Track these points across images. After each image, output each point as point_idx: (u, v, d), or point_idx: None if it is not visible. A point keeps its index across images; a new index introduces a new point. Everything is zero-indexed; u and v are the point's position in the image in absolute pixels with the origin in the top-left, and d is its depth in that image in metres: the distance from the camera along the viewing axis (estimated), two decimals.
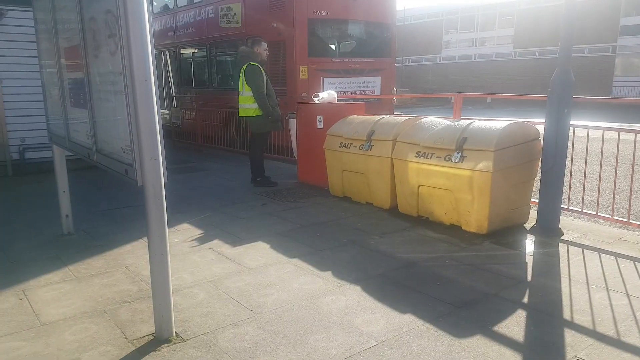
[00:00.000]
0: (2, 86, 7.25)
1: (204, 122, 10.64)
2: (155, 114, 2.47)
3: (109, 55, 2.78)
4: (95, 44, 3.02)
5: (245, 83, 6.44)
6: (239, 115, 6.78)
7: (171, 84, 13.01)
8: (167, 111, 12.76)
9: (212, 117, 10.49)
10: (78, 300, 3.23)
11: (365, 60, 9.88)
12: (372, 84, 9.89)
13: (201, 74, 12.04)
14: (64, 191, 4.59)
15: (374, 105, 9.28)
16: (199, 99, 11.65)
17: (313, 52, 9.08)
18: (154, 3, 13.34)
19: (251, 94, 6.43)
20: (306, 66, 8.93)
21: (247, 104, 6.54)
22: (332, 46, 10.00)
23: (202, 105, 11.15)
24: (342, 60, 9.68)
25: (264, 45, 6.66)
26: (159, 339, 2.71)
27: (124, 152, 2.76)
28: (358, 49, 10.29)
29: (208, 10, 10.96)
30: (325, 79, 9.21)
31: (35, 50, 4.74)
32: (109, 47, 2.74)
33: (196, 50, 12.02)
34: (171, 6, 12.67)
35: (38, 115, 6.58)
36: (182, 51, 12.44)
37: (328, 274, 3.63)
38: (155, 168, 2.51)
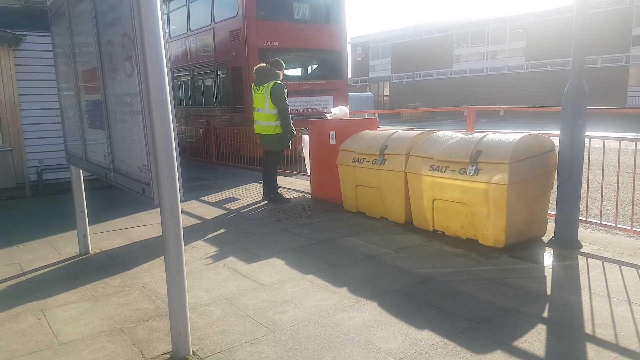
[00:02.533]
0: (21, 109, 7.43)
1: (191, 136, 12.50)
2: (171, 134, 2.52)
3: (125, 77, 2.83)
4: (112, 66, 3.09)
5: (269, 101, 6.42)
6: (255, 132, 6.76)
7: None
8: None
9: (190, 131, 12.44)
10: (96, 319, 3.25)
11: (316, 82, 11.31)
12: (324, 103, 11.04)
13: (187, 94, 13.72)
14: (82, 211, 4.65)
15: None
16: (186, 116, 13.42)
17: None
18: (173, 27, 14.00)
19: (274, 112, 6.43)
20: None
21: (267, 122, 6.51)
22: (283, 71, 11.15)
23: (184, 121, 13.00)
24: (292, 82, 10.71)
25: (283, 65, 6.83)
26: (176, 357, 2.71)
27: (140, 172, 2.79)
28: (308, 72, 12.00)
29: (191, 40, 12.68)
30: None
31: (52, 73, 4.86)
32: (126, 69, 2.80)
33: (183, 74, 13.59)
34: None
35: (55, 137, 6.74)
36: (174, 75, 14.10)
37: (344, 290, 3.61)
38: (172, 187, 2.54)
